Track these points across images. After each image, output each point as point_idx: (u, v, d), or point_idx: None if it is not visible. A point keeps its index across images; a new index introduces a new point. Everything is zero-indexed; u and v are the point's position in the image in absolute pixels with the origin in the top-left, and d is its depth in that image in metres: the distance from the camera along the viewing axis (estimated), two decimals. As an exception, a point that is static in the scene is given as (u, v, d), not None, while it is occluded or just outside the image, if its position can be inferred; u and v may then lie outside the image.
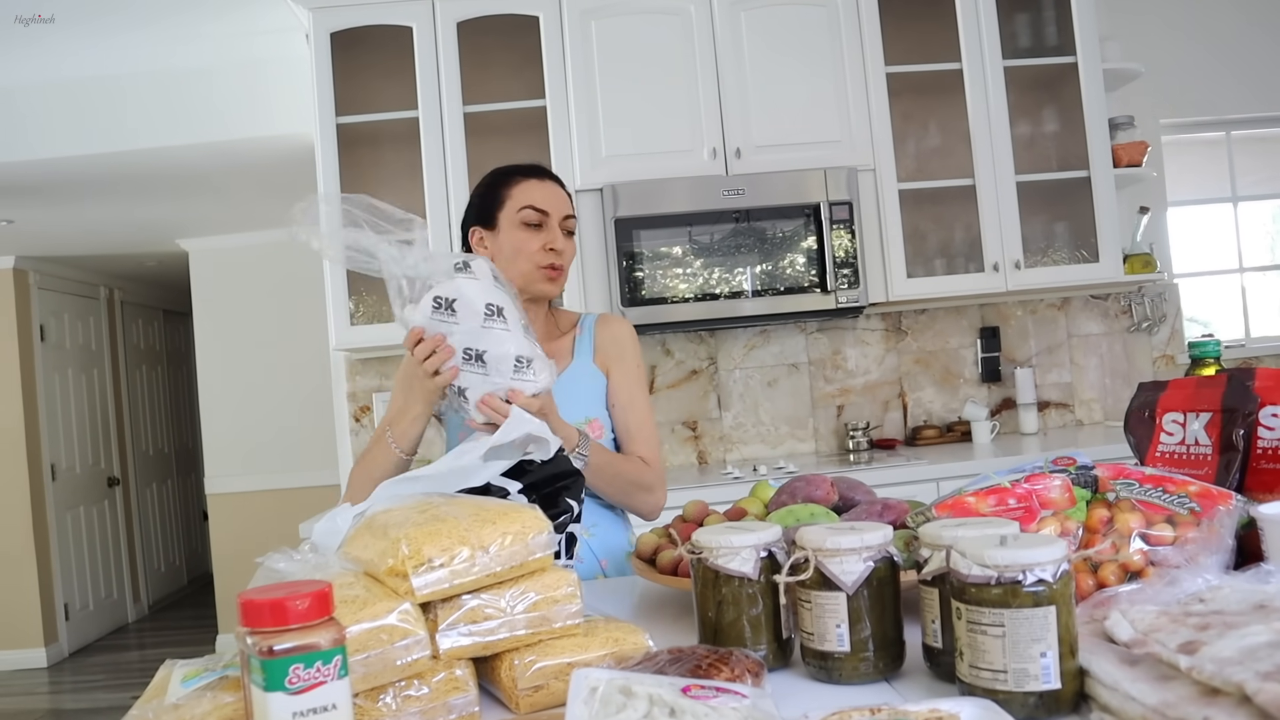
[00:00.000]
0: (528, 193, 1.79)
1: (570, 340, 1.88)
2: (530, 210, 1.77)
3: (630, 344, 1.88)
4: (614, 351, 1.86)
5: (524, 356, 1.45)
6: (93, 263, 6.46)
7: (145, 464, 7.34)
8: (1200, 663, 0.77)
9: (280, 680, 0.75)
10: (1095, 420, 3.84)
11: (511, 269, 1.74)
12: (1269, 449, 1.19)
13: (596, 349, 1.86)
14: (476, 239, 1.81)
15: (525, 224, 1.77)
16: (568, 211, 1.81)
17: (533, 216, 1.77)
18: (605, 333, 1.88)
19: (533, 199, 1.78)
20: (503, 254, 1.77)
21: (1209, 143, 4.25)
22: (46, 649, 5.77)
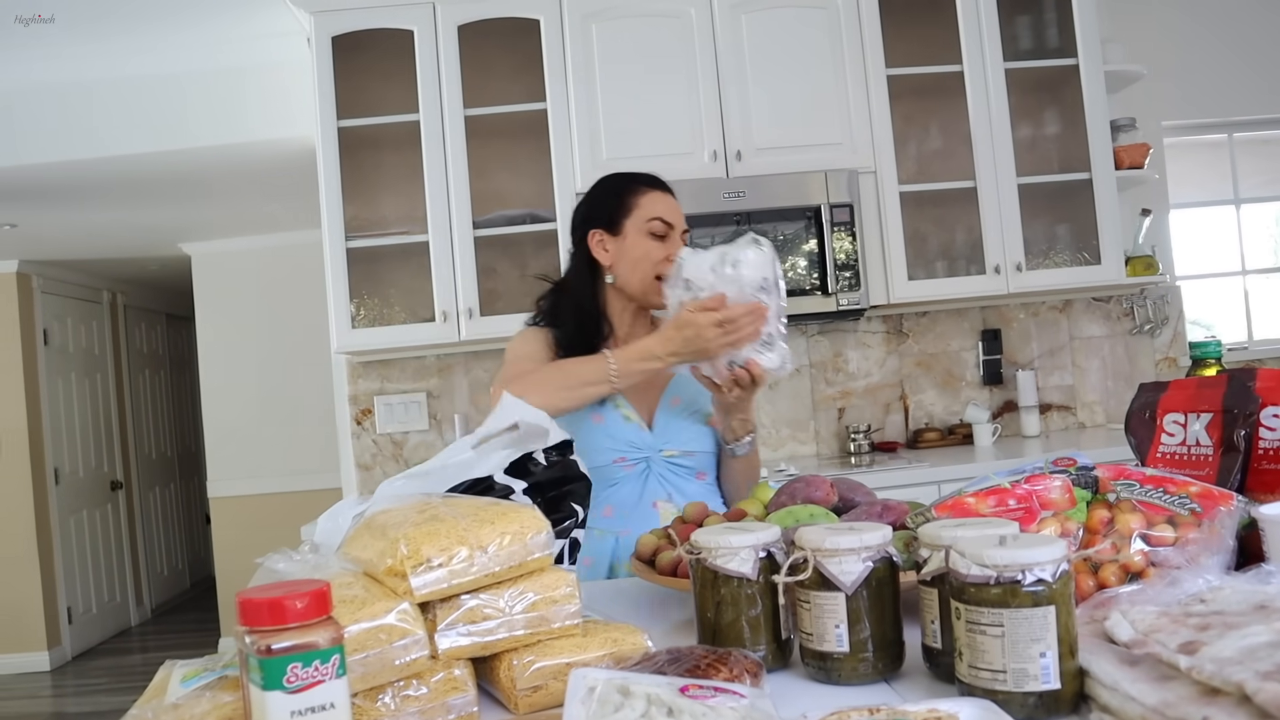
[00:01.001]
0: (655, 204, 1.86)
1: None
2: (659, 222, 1.84)
3: None
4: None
5: (772, 335, 1.60)
6: (95, 267, 6.47)
7: (148, 467, 7.35)
8: (1200, 663, 0.77)
9: (278, 679, 0.75)
10: (1098, 423, 3.83)
11: (633, 276, 1.84)
12: (1270, 450, 1.18)
13: None
14: (596, 241, 1.87)
15: (652, 234, 1.84)
16: (685, 226, 1.89)
17: (660, 228, 1.85)
18: None
19: (660, 211, 1.85)
20: (626, 259, 1.85)
21: (1211, 145, 4.24)
22: (49, 652, 5.78)
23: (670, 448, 1.83)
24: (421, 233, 3.37)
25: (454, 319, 3.33)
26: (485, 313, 3.36)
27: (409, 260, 3.53)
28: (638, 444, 1.82)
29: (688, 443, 1.85)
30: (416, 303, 3.52)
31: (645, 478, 1.82)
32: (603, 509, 1.80)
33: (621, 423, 1.83)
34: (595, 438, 1.81)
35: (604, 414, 1.82)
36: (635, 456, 1.82)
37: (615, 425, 1.82)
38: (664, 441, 1.84)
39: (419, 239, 3.37)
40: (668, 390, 1.88)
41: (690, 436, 1.86)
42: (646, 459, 1.82)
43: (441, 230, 3.34)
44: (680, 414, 1.87)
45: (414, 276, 3.52)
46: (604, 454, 1.80)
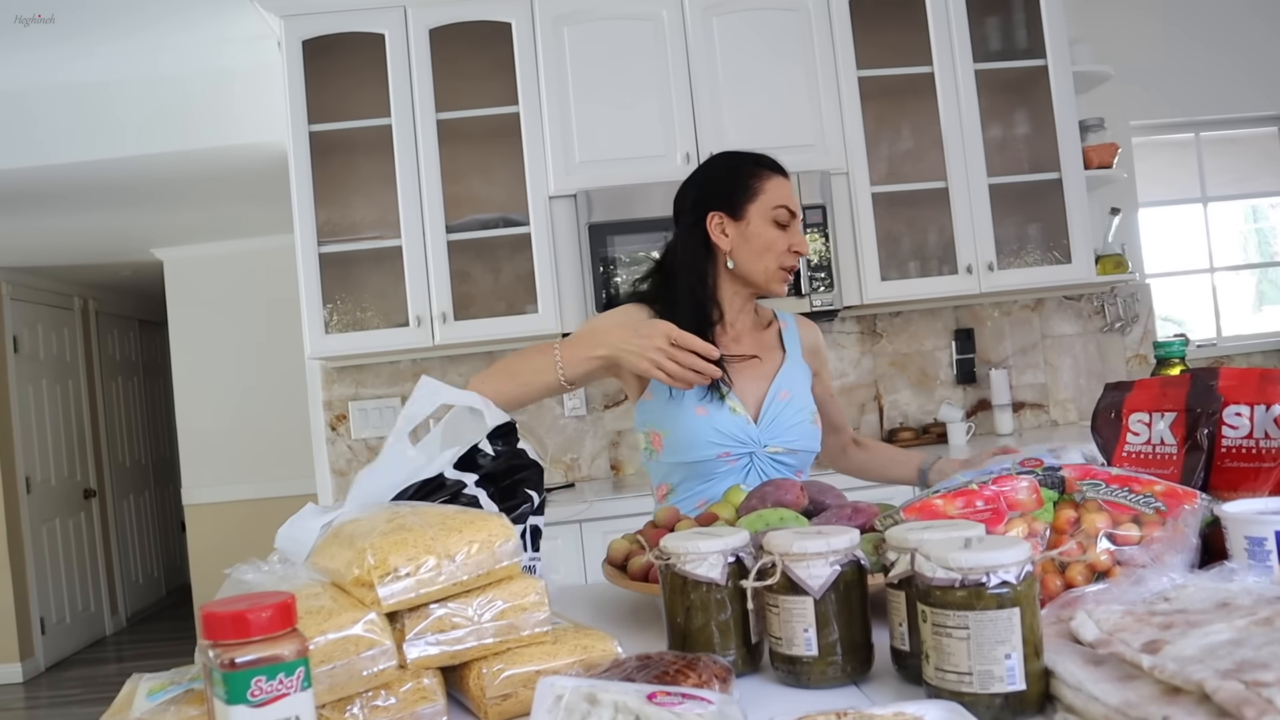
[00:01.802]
0: (779, 190, 1.78)
1: (775, 334, 1.90)
2: (784, 210, 1.77)
3: (825, 347, 1.99)
4: (821, 356, 1.96)
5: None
6: (66, 273, 6.41)
7: (122, 475, 7.28)
8: (1162, 662, 0.77)
9: (242, 693, 0.75)
10: (1070, 420, 3.86)
11: (756, 264, 1.76)
12: (1233, 448, 1.20)
13: (804, 347, 1.91)
14: (715, 224, 1.78)
15: (777, 222, 1.76)
16: (800, 211, 1.83)
17: (785, 216, 1.77)
18: (809, 334, 1.95)
19: (784, 198, 1.78)
20: (749, 246, 1.76)
21: (1178, 144, 4.29)
22: (22, 664, 5.71)
23: (775, 443, 1.76)
24: (395, 237, 3.35)
25: (428, 323, 3.32)
26: (459, 317, 3.36)
27: (382, 265, 3.51)
28: (743, 438, 1.74)
29: (794, 440, 1.77)
30: (390, 307, 3.51)
31: (747, 472, 1.75)
32: (696, 500, 1.75)
33: (726, 414, 1.73)
34: (699, 430, 1.73)
35: (708, 406, 1.73)
36: (740, 451, 1.74)
37: (723, 418, 1.73)
38: (770, 436, 1.76)
39: (392, 243, 3.36)
40: (776, 381, 1.80)
41: (797, 434, 1.78)
42: (751, 454, 1.75)
43: (414, 234, 3.33)
44: (792, 409, 1.79)
45: (387, 281, 3.51)
46: (707, 448, 1.73)
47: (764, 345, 1.86)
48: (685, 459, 1.74)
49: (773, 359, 1.85)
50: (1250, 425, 1.19)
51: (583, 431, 3.68)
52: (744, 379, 1.79)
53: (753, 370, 1.81)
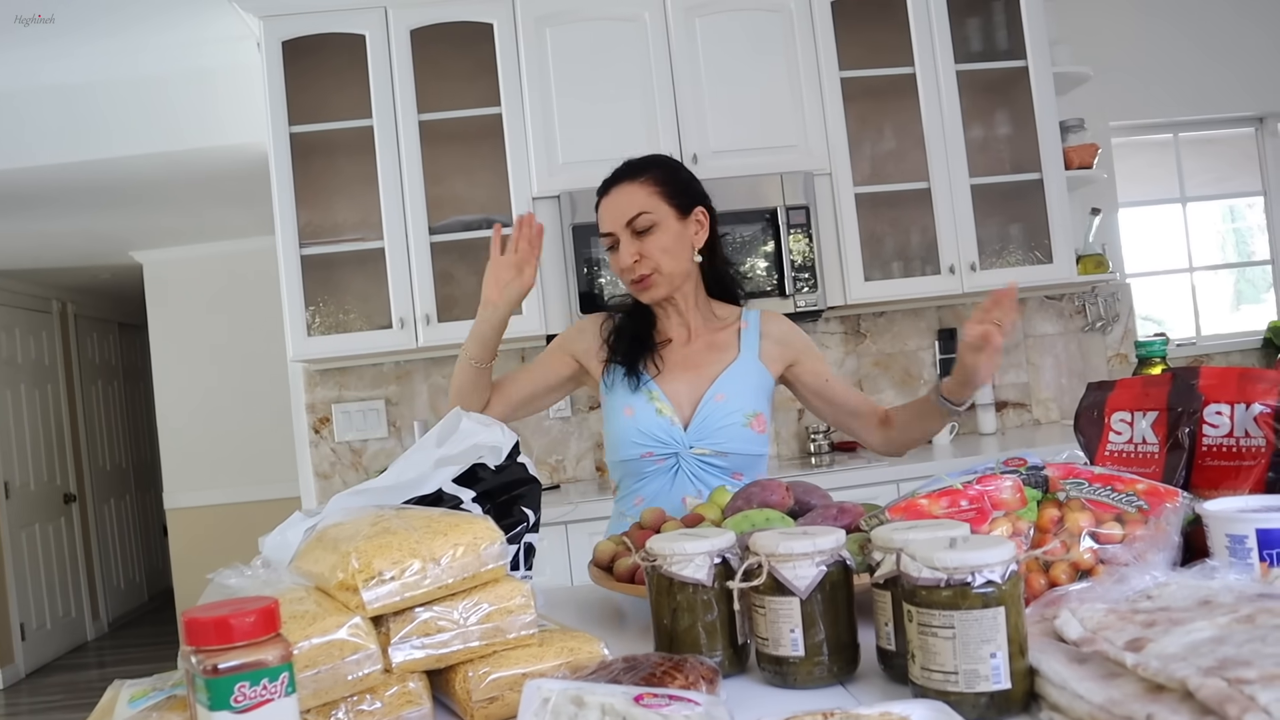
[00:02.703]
0: (602, 216, 1.82)
1: (734, 333, 1.88)
2: (602, 238, 1.82)
3: (803, 335, 1.92)
4: (797, 345, 1.90)
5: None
6: (44, 276, 6.35)
7: (102, 479, 7.22)
8: (1145, 659, 0.78)
9: (226, 699, 0.74)
10: (1052, 419, 3.88)
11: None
12: (1213, 446, 1.21)
13: (764, 346, 1.86)
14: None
15: (608, 249, 1.82)
16: (629, 215, 1.77)
17: (607, 242, 1.81)
18: (773, 330, 1.89)
19: (600, 226, 1.82)
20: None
21: (1157, 144, 4.32)
22: (2, 670, 5.66)
23: (703, 445, 1.77)
24: (377, 239, 3.34)
25: (411, 325, 3.31)
26: (443, 318, 3.34)
27: (365, 267, 3.50)
28: (666, 440, 1.77)
29: (723, 443, 1.77)
30: (373, 309, 3.49)
31: (675, 473, 1.78)
32: (634, 499, 1.81)
33: (652, 415, 1.78)
34: (625, 430, 1.79)
35: (635, 405, 1.79)
36: (663, 452, 1.78)
37: (646, 419, 1.78)
38: (698, 438, 1.77)
39: (375, 245, 3.34)
40: (716, 383, 1.81)
41: (727, 437, 1.78)
42: (676, 455, 1.78)
43: (397, 236, 3.31)
44: (723, 411, 1.78)
45: (370, 283, 3.49)
46: (632, 447, 1.78)
47: (717, 346, 1.86)
48: (616, 458, 1.82)
49: (721, 360, 1.84)
50: (1231, 424, 1.20)
51: (568, 433, 3.68)
52: (681, 381, 1.82)
53: (694, 372, 1.83)
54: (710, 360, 1.84)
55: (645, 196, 1.79)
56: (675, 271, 1.79)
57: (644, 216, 1.77)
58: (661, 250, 1.77)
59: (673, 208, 1.80)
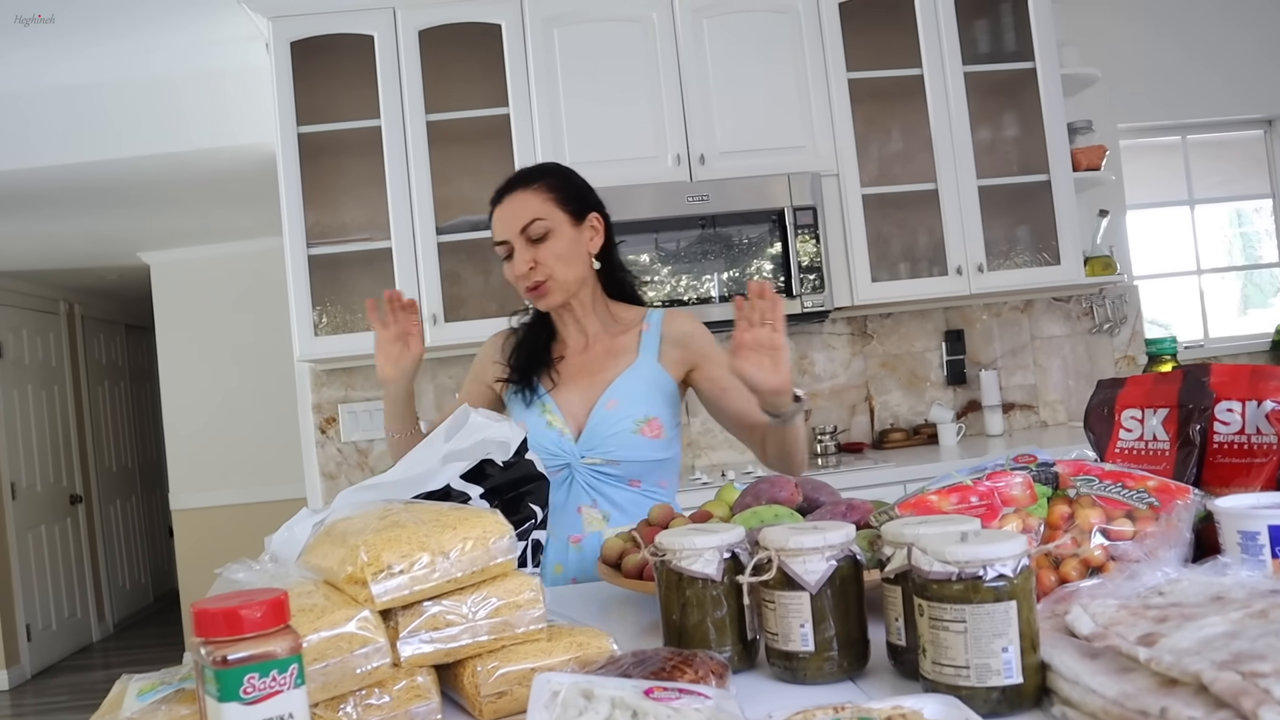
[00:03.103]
0: (495, 226, 1.79)
1: (635, 336, 1.84)
2: (497, 247, 1.79)
3: (705, 335, 1.86)
4: (696, 347, 1.83)
5: None
6: (52, 277, 6.37)
7: (108, 481, 7.23)
8: (1159, 654, 0.77)
9: (235, 690, 0.74)
10: (1059, 421, 3.87)
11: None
12: (1225, 443, 1.20)
13: (664, 348, 1.82)
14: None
15: (503, 258, 1.79)
16: (523, 222, 1.74)
17: (501, 251, 1.79)
18: (674, 331, 1.84)
19: (494, 234, 1.79)
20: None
21: (1166, 146, 4.31)
22: (8, 671, 5.66)
23: (594, 455, 1.74)
24: (384, 239, 3.34)
25: (418, 326, 3.30)
26: (450, 319, 3.35)
27: (372, 267, 3.50)
28: (556, 451, 1.74)
29: (614, 451, 1.74)
30: (380, 310, 3.49)
31: (569, 484, 1.75)
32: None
33: (543, 429, 1.76)
34: None
35: (528, 419, 1.77)
36: (555, 464, 1.73)
37: (537, 432, 1.74)
38: (588, 449, 1.75)
39: (382, 245, 3.35)
40: (605, 393, 1.77)
41: (617, 445, 1.74)
42: (568, 465, 1.75)
43: (404, 236, 3.32)
44: (613, 419, 1.74)
45: (377, 283, 3.50)
46: None
47: (615, 351, 1.83)
48: None
49: (617, 365, 1.80)
50: (1242, 421, 1.19)
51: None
52: (575, 390, 1.79)
53: (589, 380, 1.80)
54: (606, 366, 1.81)
55: (539, 203, 1.76)
56: (570, 278, 1.77)
57: (538, 223, 1.74)
58: (556, 257, 1.75)
59: (567, 214, 1.77)
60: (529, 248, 1.74)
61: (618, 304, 1.90)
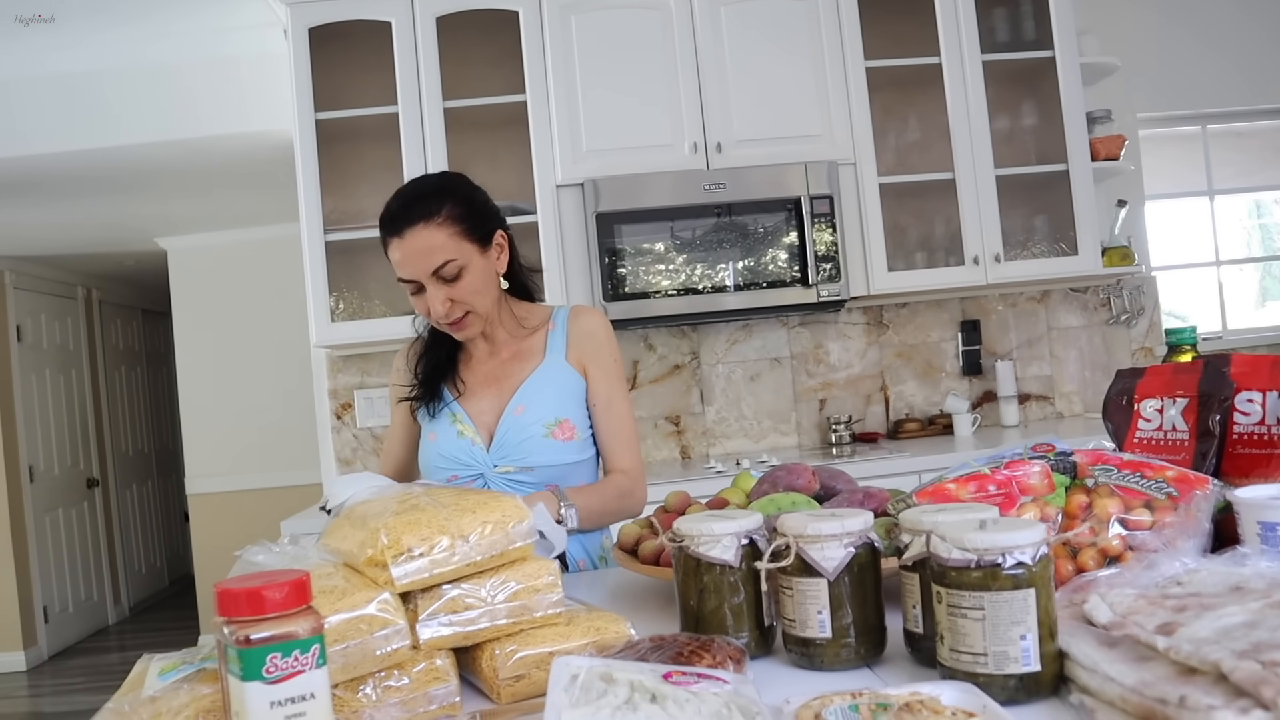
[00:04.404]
0: (394, 259, 1.65)
1: (542, 337, 1.79)
2: (401, 282, 1.66)
3: (605, 338, 1.79)
4: (590, 348, 1.77)
5: None
6: (70, 262, 6.40)
7: (125, 465, 7.29)
8: (1177, 643, 0.77)
9: (258, 669, 0.75)
10: (1075, 412, 3.86)
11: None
12: (1245, 434, 1.20)
13: (570, 345, 1.77)
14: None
15: (411, 293, 1.68)
16: (435, 265, 1.62)
17: (410, 288, 1.67)
18: (578, 328, 1.78)
19: (398, 268, 1.65)
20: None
21: (1185, 136, 4.28)
22: (25, 652, 5.72)
23: (506, 464, 1.70)
24: (400, 226, 3.34)
25: (433, 312, 3.32)
26: (465, 306, 3.35)
27: (388, 254, 3.50)
28: (468, 461, 1.71)
29: (525, 457, 1.69)
30: (396, 296, 3.50)
31: None
32: None
33: (455, 439, 1.72)
34: (429, 455, 1.75)
35: (438, 430, 1.74)
36: (468, 474, 1.71)
37: (448, 442, 1.72)
38: (499, 457, 1.70)
39: (398, 232, 3.35)
40: (514, 398, 1.72)
41: (528, 451, 1.69)
42: (481, 475, 1.71)
43: (420, 223, 3.32)
44: (521, 425, 1.70)
45: (392, 270, 3.50)
46: (437, 472, 1.72)
47: (522, 355, 1.78)
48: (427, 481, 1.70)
49: (524, 369, 1.75)
50: (1263, 412, 1.19)
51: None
52: (484, 398, 1.74)
53: (496, 386, 1.75)
54: (513, 371, 1.76)
55: (445, 239, 1.62)
56: (488, 306, 1.70)
57: (450, 265, 1.62)
58: (473, 293, 1.66)
59: (475, 244, 1.66)
60: (442, 287, 1.64)
61: (522, 304, 1.83)
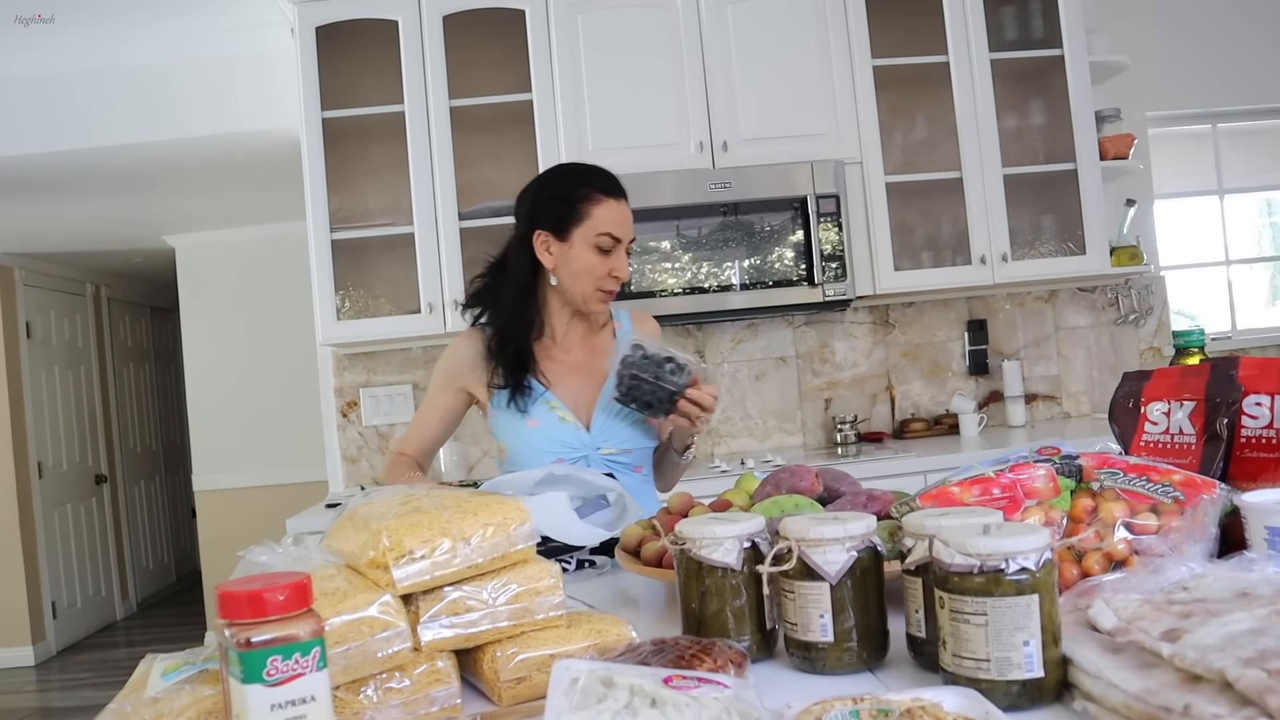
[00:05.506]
0: (606, 215, 1.81)
1: (609, 334, 1.95)
2: (607, 237, 1.80)
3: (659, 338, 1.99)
4: None
5: None
6: (79, 259, 6.42)
7: (133, 461, 7.31)
8: (1183, 650, 0.77)
9: (258, 672, 0.75)
10: (1083, 413, 3.85)
11: (575, 285, 1.82)
12: (1252, 438, 1.19)
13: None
14: (541, 242, 1.83)
15: (599, 248, 1.80)
16: (633, 235, 1.86)
17: (608, 243, 1.81)
18: (643, 330, 1.98)
19: (611, 225, 1.81)
20: (569, 267, 1.82)
21: (1195, 135, 4.25)
22: (34, 647, 5.74)
23: (609, 446, 1.85)
24: (407, 224, 3.35)
25: (439, 310, 3.32)
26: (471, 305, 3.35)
27: (394, 252, 3.51)
28: (574, 444, 1.83)
29: (625, 440, 1.86)
30: (402, 294, 3.50)
31: None
32: None
33: (558, 424, 1.84)
34: (533, 440, 1.83)
35: (539, 417, 1.83)
36: (573, 457, 1.83)
37: (552, 427, 1.83)
38: (602, 440, 1.85)
39: (404, 230, 3.35)
40: (606, 388, 1.86)
41: (628, 434, 1.86)
42: (585, 458, 1.83)
43: (427, 221, 3.32)
44: (617, 411, 1.85)
45: (399, 268, 3.51)
46: (543, 456, 1.81)
47: (596, 350, 1.93)
48: (524, 467, 1.80)
49: (604, 363, 1.89)
50: (1271, 415, 1.18)
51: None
52: (574, 387, 1.87)
53: (584, 377, 1.89)
54: (596, 364, 1.90)
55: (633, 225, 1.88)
56: None
57: (633, 242, 1.87)
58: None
59: None
60: (626, 261, 1.84)
61: None
